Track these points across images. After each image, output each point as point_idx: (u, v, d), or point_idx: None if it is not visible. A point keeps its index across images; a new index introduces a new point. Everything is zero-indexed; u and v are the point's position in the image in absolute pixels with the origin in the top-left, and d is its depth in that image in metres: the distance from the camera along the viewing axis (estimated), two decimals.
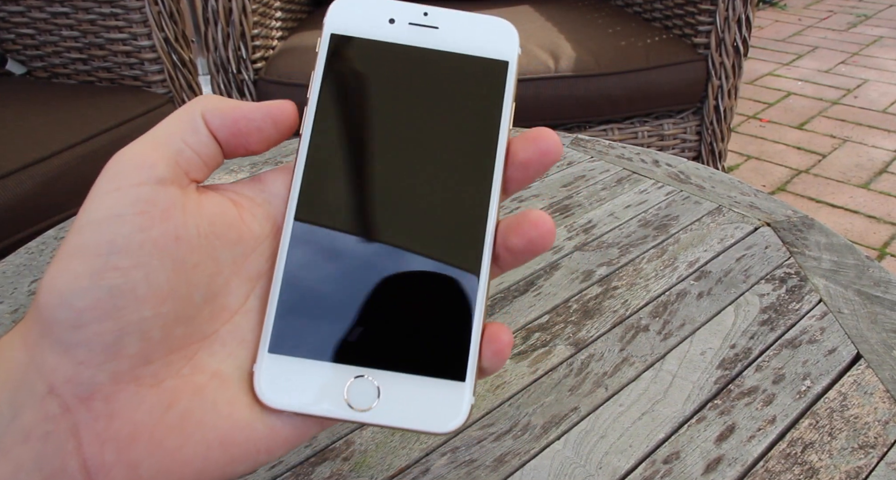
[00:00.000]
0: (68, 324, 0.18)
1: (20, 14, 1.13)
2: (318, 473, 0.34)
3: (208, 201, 0.20)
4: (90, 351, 0.18)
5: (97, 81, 1.19)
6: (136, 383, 0.19)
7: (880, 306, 0.45)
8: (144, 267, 0.18)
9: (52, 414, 0.18)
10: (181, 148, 0.20)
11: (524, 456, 0.35)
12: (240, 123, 0.21)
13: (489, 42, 0.22)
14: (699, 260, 0.50)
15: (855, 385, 0.39)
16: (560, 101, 1.25)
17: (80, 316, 0.18)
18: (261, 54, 1.26)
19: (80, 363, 0.18)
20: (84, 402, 0.18)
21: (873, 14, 3.33)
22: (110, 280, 0.18)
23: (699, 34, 1.32)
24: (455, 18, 0.22)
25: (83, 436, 0.18)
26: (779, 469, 0.34)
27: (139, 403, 0.18)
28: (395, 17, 0.22)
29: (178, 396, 0.19)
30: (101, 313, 0.18)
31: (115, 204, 0.18)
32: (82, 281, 0.18)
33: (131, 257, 0.18)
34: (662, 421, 0.37)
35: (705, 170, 0.64)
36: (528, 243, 0.21)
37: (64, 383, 0.18)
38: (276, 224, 0.21)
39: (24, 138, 0.95)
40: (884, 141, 2.05)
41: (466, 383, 0.20)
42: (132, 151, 0.19)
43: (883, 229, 1.63)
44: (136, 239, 0.18)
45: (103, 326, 0.18)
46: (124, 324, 0.18)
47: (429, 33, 0.22)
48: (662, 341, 0.43)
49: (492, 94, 0.22)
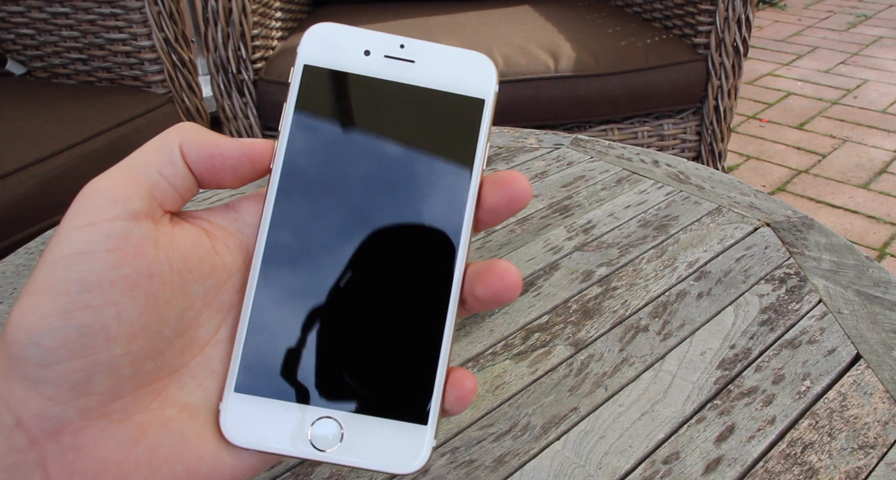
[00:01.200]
0: (36, 362, 0.17)
1: (20, 14, 1.13)
2: (318, 473, 0.34)
3: (181, 234, 0.20)
4: (59, 389, 0.18)
5: (97, 81, 1.19)
6: (105, 418, 0.18)
7: (880, 306, 0.45)
8: (116, 305, 0.18)
9: (20, 446, 0.18)
10: (157, 180, 0.20)
11: (524, 457, 0.35)
12: (215, 159, 0.20)
13: (466, 78, 0.21)
14: (699, 260, 0.50)
15: (854, 386, 0.39)
16: (560, 101, 1.25)
17: (48, 355, 0.17)
18: (260, 54, 1.26)
19: (49, 400, 0.18)
20: (52, 436, 0.18)
21: (873, 14, 3.33)
22: (80, 319, 0.17)
23: (699, 34, 1.32)
24: (432, 51, 0.21)
25: (50, 469, 0.18)
26: (778, 470, 0.34)
27: (107, 438, 0.18)
28: (371, 48, 0.21)
29: (146, 430, 0.19)
30: (70, 351, 0.17)
31: (87, 240, 0.18)
32: (51, 320, 0.17)
33: (103, 295, 0.18)
34: (662, 422, 0.37)
35: (705, 170, 0.64)
36: (493, 295, 0.21)
37: (31, 417, 0.18)
38: (249, 255, 0.21)
39: (24, 138, 0.95)
40: (883, 141, 2.05)
41: (428, 426, 0.21)
42: (106, 182, 0.19)
43: (882, 230, 1.63)
44: (107, 277, 0.18)
45: (73, 364, 0.18)
46: (94, 363, 0.18)
47: (405, 67, 0.21)
48: (662, 341, 0.43)
49: (466, 133, 0.21)
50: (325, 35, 0.21)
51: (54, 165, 0.93)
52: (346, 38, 0.21)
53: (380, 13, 1.55)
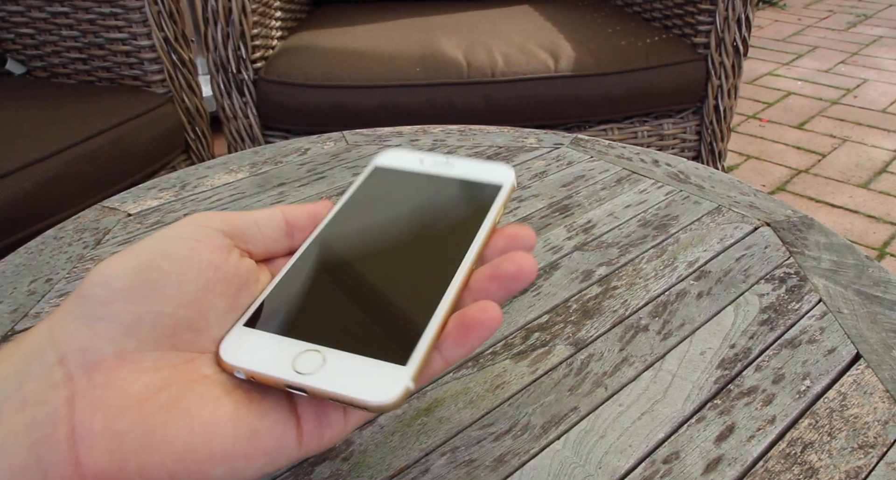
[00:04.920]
0: (100, 300, 0.21)
1: (20, 14, 1.13)
2: (318, 473, 0.34)
3: (246, 260, 0.25)
4: (108, 325, 0.21)
5: (97, 81, 1.19)
6: (137, 363, 0.21)
7: (880, 305, 0.45)
8: (181, 274, 0.22)
9: (55, 382, 0.20)
10: (250, 224, 0.26)
11: (524, 456, 0.35)
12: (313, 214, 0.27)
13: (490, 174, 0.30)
14: (699, 260, 0.50)
15: (854, 385, 0.39)
16: (560, 101, 1.25)
17: (113, 294, 0.21)
18: (260, 54, 1.26)
19: (96, 334, 0.21)
20: (87, 371, 0.20)
21: (873, 14, 3.33)
22: (149, 274, 0.21)
23: (699, 34, 1.32)
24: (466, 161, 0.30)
25: (77, 404, 0.20)
26: (778, 469, 0.34)
27: (136, 380, 0.21)
28: (425, 159, 0.30)
29: (171, 382, 0.21)
30: (131, 295, 0.21)
31: (182, 230, 0.23)
32: (127, 269, 0.21)
33: (175, 264, 0.22)
34: (662, 421, 0.37)
35: (705, 170, 0.64)
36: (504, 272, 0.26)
37: (75, 351, 0.20)
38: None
39: (24, 138, 0.94)
40: (883, 141, 2.05)
41: (406, 367, 0.23)
42: (207, 212, 0.25)
43: (882, 229, 1.63)
44: (184, 254, 0.22)
45: (128, 306, 0.21)
46: (145, 311, 0.21)
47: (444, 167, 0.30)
48: (662, 341, 0.43)
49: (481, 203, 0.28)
50: (392, 152, 0.30)
51: (54, 165, 0.93)
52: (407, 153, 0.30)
53: (380, 13, 1.55)
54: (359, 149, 0.69)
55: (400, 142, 0.71)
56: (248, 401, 0.22)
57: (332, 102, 1.22)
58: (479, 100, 1.23)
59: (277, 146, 0.70)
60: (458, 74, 1.22)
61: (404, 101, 1.21)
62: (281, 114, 1.25)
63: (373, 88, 1.21)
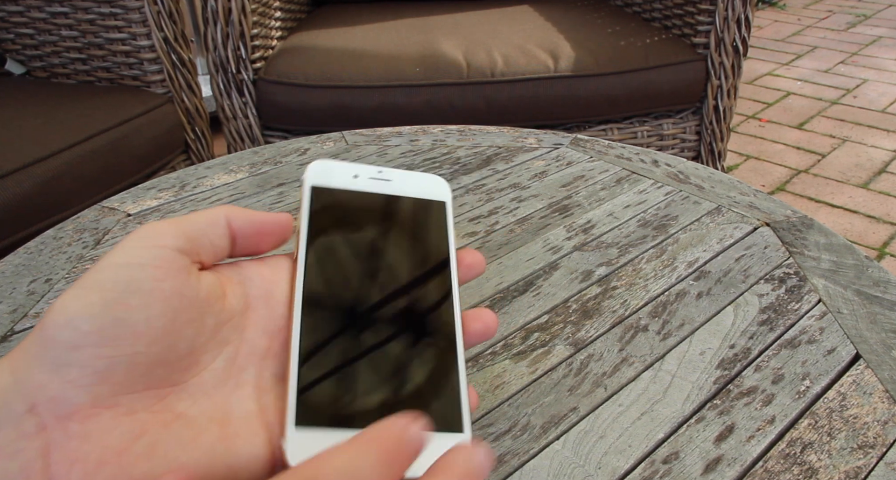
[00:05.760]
0: (69, 344, 0.20)
1: (19, 14, 1.13)
2: None
3: (205, 276, 0.24)
4: (81, 372, 0.20)
5: (97, 81, 1.19)
6: (113, 409, 0.20)
7: (879, 306, 0.45)
8: (149, 309, 0.21)
9: (27, 432, 0.19)
10: (200, 234, 0.24)
11: (523, 456, 0.35)
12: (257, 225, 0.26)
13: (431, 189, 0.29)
14: (698, 260, 0.50)
15: (854, 385, 0.39)
16: (559, 101, 1.25)
17: (82, 338, 0.20)
18: (260, 54, 1.26)
19: (68, 382, 0.19)
20: (61, 421, 0.19)
21: (872, 14, 3.33)
22: (118, 313, 0.20)
23: (698, 34, 1.32)
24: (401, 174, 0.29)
25: (53, 456, 0.19)
26: (778, 469, 0.34)
27: (112, 429, 0.20)
28: (358, 173, 0.28)
29: (147, 428, 0.21)
30: (101, 337, 0.20)
31: (139, 255, 0.22)
32: (94, 308, 0.20)
33: (141, 298, 0.21)
34: (662, 421, 0.37)
35: (704, 170, 0.64)
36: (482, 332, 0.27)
37: (47, 401, 0.19)
38: (247, 301, 0.25)
39: (24, 138, 0.94)
40: (883, 141, 2.05)
41: (464, 433, 0.23)
42: (158, 224, 0.23)
43: (882, 229, 1.63)
44: (148, 285, 0.21)
45: (100, 351, 0.20)
46: (117, 353, 0.20)
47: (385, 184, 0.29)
48: (662, 341, 0.43)
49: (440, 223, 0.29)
50: (323, 166, 0.29)
51: (54, 165, 0.93)
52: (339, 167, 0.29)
53: (379, 13, 1.55)
54: (358, 149, 0.69)
55: (400, 142, 0.71)
56: (223, 438, 0.22)
57: (332, 103, 1.22)
58: (478, 100, 1.23)
59: (277, 146, 0.70)
60: (457, 75, 1.22)
61: (404, 101, 1.22)
62: (280, 114, 1.25)
63: (372, 89, 1.21)
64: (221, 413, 0.22)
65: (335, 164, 0.29)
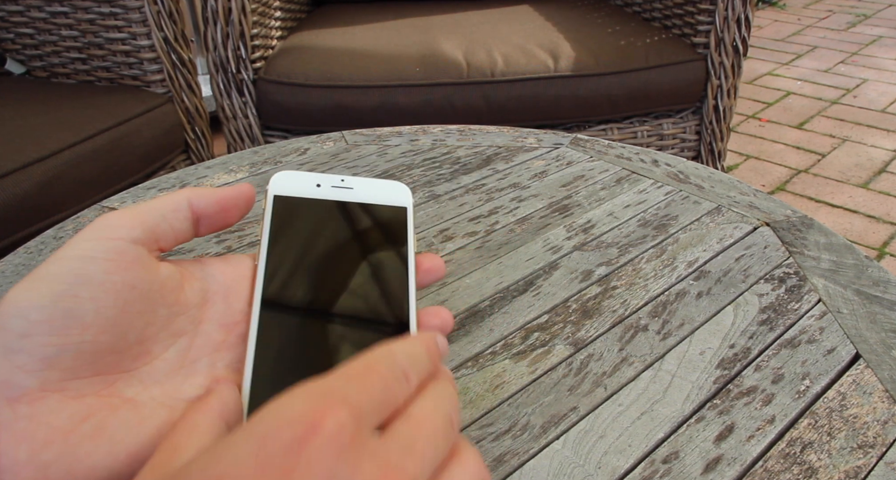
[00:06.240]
0: (18, 333, 0.20)
1: (19, 14, 1.13)
2: None
3: (164, 267, 0.25)
4: (30, 358, 0.20)
5: (96, 81, 1.19)
6: (60, 393, 0.21)
7: (879, 305, 0.45)
8: (98, 301, 0.22)
9: None
10: (159, 221, 0.24)
11: (523, 456, 0.35)
12: (223, 201, 0.26)
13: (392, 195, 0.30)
14: (698, 260, 0.50)
15: (854, 385, 0.39)
16: (559, 100, 1.25)
17: (31, 327, 0.20)
18: (260, 54, 1.26)
19: (18, 368, 0.20)
20: (10, 403, 0.20)
21: (872, 14, 3.33)
22: (67, 304, 0.21)
23: (698, 34, 1.32)
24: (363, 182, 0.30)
25: (2, 436, 0.20)
26: (778, 469, 0.34)
27: (60, 410, 0.21)
28: (321, 182, 0.29)
29: (94, 411, 0.21)
30: (50, 328, 0.21)
31: (91, 248, 0.22)
32: (44, 300, 0.21)
33: (91, 291, 0.21)
34: (661, 421, 0.37)
35: (704, 170, 0.64)
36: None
37: None
38: (206, 296, 0.26)
39: (24, 138, 0.94)
40: (883, 141, 2.05)
41: None
42: (116, 214, 0.24)
43: (882, 229, 1.63)
44: (98, 278, 0.22)
45: (48, 339, 0.21)
46: (66, 342, 0.21)
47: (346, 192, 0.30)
48: (661, 340, 0.43)
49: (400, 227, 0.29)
50: (286, 176, 0.29)
51: (54, 165, 0.93)
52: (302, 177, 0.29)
53: (380, 13, 1.55)
54: (358, 149, 0.69)
55: (400, 142, 0.71)
56: (171, 422, 0.22)
57: (332, 102, 1.22)
58: (478, 100, 1.23)
59: (277, 146, 0.70)
60: (457, 74, 1.22)
61: (404, 101, 1.22)
62: (280, 114, 1.25)
63: (372, 88, 1.21)
64: (171, 399, 0.23)
65: (298, 174, 0.29)
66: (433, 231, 0.55)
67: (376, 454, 0.18)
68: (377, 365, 0.20)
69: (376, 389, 0.19)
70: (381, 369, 0.20)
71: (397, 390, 0.20)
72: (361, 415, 0.18)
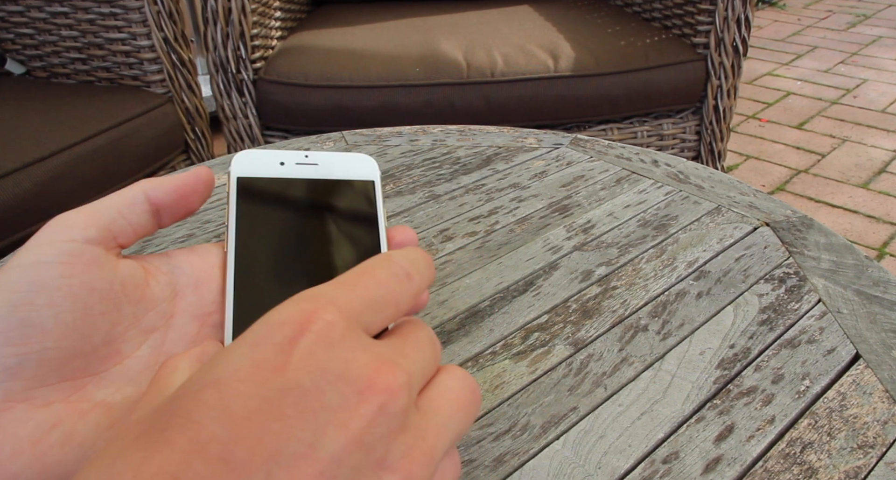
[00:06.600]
0: None
1: (19, 14, 1.13)
2: None
3: (124, 265, 0.24)
4: None
5: (96, 81, 1.19)
6: (27, 402, 0.21)
7: (879, 306, 0.45)
8: (56, 307, 0.21)
9: None
10: (115, 217, 0.24)
11: (523, 456, 0.35)
12: (181, 189, 0.26)
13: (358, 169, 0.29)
14: (698, 260, 0.50)
15: (854, 385, 0.39)
16: (559, 101, 1.25)
17: None
18: (260, 54, 1.26)
19: None
20: None
21: (872, 14, 3.33)
22: (23, 313, 0.20)
23: (698, 34, 1.32)
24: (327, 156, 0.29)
25: None
26: (778, 469, 0.34)
27: (27, 420, 0.20)
28: (284, 160, 0.28)
29: (63, 418, 0.21)
30: (8, 338, 0.20)
31: (45, 253, 0.22)
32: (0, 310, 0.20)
33: (47, 297, 0.21)
34: (661, 421, 0.37)
35: (704, 170, 0.64)
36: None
37: None
38: (175, 289, 0.25)
39: (24, 138, 0.94)
40: (883, 141, 2.05)
41: None
42: (70, 214, 0.23)
43: (882, 229, 1.63)
44: (54, 283, 0.21)
45: (8, 349, 0.20)
46: (27, 351, 0.21)
47: (311, 168, 0.29)
48: (661, 341, 0.43)
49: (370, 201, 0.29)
50: (248, 155, 0.28)
51: (54, 165, 0.93)
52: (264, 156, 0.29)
53: (380, 13, 1.55)
54: (358, 149, 0.69)
55: (400, 142, 0.71)
56: None
57: (332, 103, 1.22)
58: (478, 100, 1.23)
59: (277, 146, 0.70)
60: (457, 75, 1.22)
61: (404, 101, 1.22)
62: (280, 114, 1.25)
63: (372, 89, 1.21)
64: None
65: (261, 153, 0.29)
66: (433, 231, 0.55)
67: (368, 349, 0.18)
68: (372, 269, 0.20)
69: (370, 289, 0.19)
70: (375, 271, 0.20)
71: (396, 287, 0.20)
72: (353, 313, 0.18)
